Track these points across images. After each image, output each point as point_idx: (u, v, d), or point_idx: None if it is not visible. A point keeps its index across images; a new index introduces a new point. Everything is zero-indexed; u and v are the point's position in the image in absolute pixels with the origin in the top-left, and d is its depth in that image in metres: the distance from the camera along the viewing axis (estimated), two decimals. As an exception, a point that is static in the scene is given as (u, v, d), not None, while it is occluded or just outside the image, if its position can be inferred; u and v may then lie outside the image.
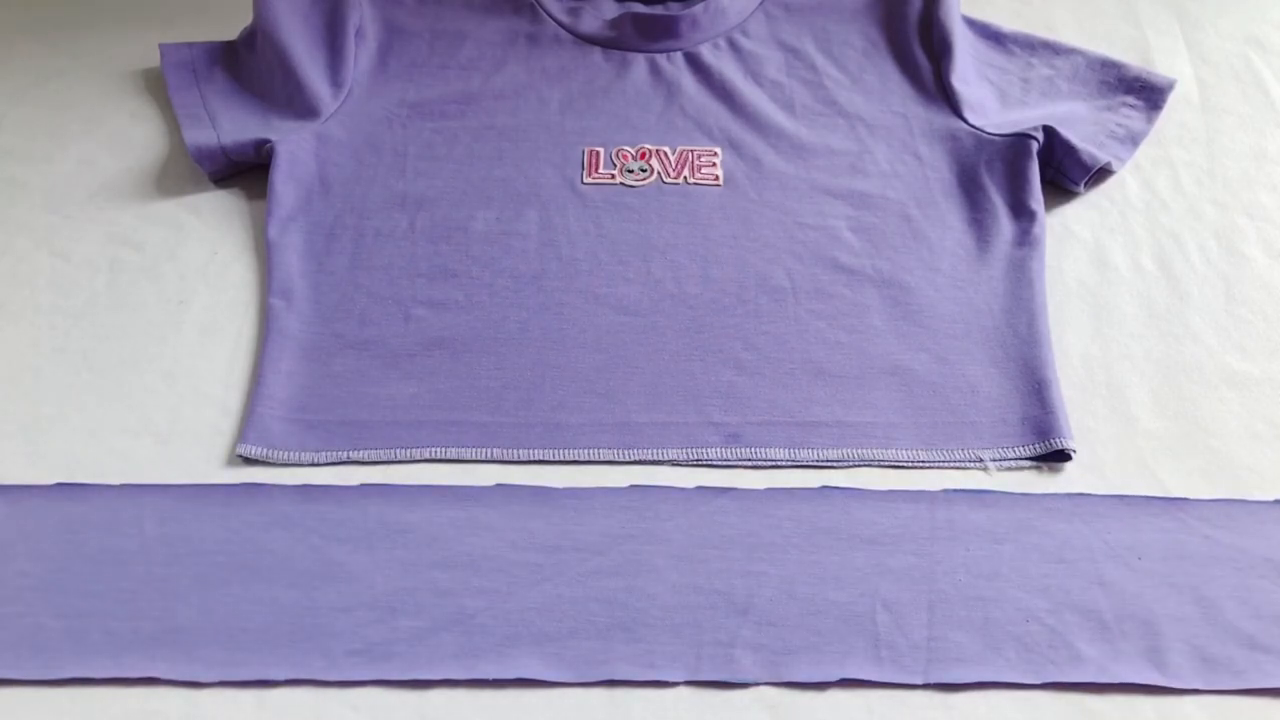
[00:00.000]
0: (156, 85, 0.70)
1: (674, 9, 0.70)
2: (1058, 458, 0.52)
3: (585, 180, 0.63)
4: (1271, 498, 0.51)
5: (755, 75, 0.68)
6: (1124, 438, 0.53)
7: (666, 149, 0.64)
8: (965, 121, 0.65)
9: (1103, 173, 0.64)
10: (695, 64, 0.69)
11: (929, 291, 0.58)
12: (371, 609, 0.46)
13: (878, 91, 0.68)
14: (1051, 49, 0.70)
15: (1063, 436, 0.52)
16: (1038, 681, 0.45)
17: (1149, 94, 0.67)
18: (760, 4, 0.72)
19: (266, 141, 0.62)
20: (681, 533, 0.49)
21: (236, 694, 0.44)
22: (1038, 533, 0.49)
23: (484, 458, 0.52)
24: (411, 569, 0.48)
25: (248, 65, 0.68)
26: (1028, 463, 0.52)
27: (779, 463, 0.52)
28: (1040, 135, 0.62)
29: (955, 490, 0.51)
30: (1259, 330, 0.58)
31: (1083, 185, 0.64)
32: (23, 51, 0.73)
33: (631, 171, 0.63)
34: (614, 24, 0.70)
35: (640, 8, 0.71)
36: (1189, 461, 0.53)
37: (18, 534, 0.48)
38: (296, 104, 0.64)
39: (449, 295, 0.57)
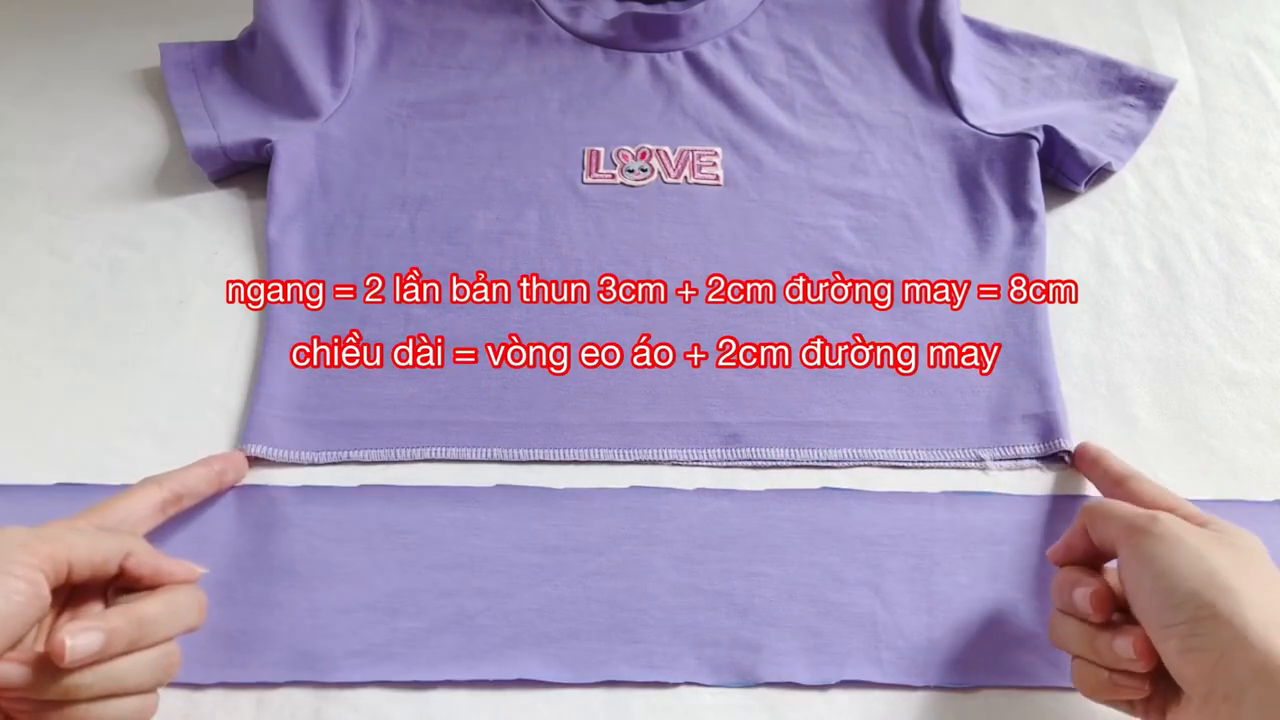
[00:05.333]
0: (156, 85, 0.70)
1: (674, 9, 0.70)
2: (1058, 458, 0.52)
3: (585, 180, 0.63)
4: (1271, 498, 0.51)
5: (755, 75, 0.68)
6: (1124, 438, 0.53)
7: (667, 149, 0.64)
8: (966, 121, 0.65)
9: (1103, 173, 0.64)
10: (695, 63, 0.69)
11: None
12: (372, 610, 0.46)
13: (878, 91, 0.67)
14: (1052, 49, 0.70)
15: (1063, 436, 0.52)
16: (1038, 683, 0.45)
17: (1149, 94, 0.67)
18: (760, 3, 0.72)
19: (267, 141, 0.62)
20: (682, 533, 0.49)
21: (236, 694, 0.44)
22: (1038, 533, 0.49)
23: (484, 458, 0.52)
24: (412, 570, 0.48)
25: (248, 65, 0.67)
26: (1028, 463, 0.52)
27: (779, 463, 0.52)
28: (1040, 135, 0.62)
29: (955, 491, 0.51)
30: (1259, 330, 0.58)
31: (1083, 185, 0.64)
32: (24, 52, 0.72)
33: (632, 171, 0.63)
34: (614, 23, 0.70)
35: (641, 7, 0.71)
36: (1189, 461, 0.53)
37: (18, 534, 0.48)
38: (296, 104, 0.64)
39: (449, 295, 0.57)
